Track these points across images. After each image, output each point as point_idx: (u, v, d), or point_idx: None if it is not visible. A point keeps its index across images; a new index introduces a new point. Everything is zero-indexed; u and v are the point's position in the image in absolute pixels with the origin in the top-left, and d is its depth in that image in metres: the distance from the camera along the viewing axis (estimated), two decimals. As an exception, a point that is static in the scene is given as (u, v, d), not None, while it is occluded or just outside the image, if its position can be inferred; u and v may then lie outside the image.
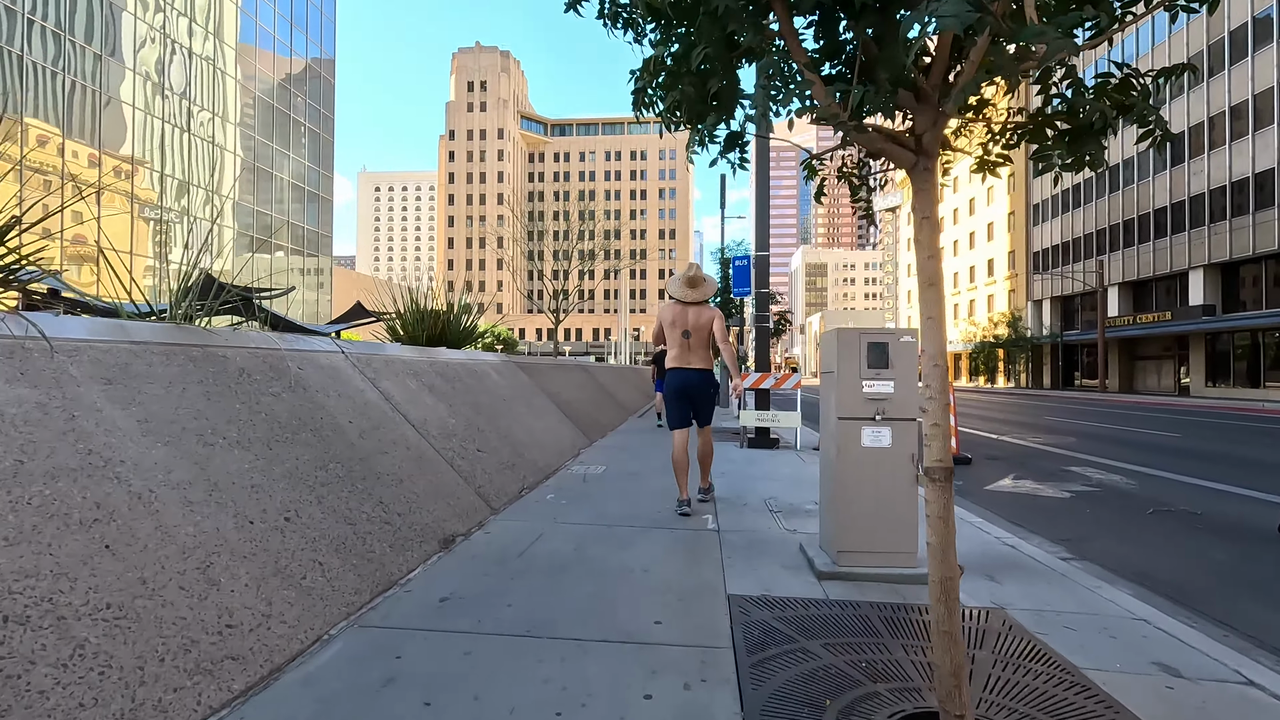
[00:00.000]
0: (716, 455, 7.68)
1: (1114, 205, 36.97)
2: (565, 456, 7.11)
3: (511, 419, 6.59)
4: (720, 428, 11.56)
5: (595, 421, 10.12)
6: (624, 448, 8.37)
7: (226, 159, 35.81)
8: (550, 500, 4.96)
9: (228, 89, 36.27)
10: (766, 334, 8.84)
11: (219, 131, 35.02)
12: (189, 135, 33.04)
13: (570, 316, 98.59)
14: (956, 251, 59.52)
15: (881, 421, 3.27)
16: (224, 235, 36.90)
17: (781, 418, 8.53)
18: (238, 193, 36.15)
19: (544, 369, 9.97)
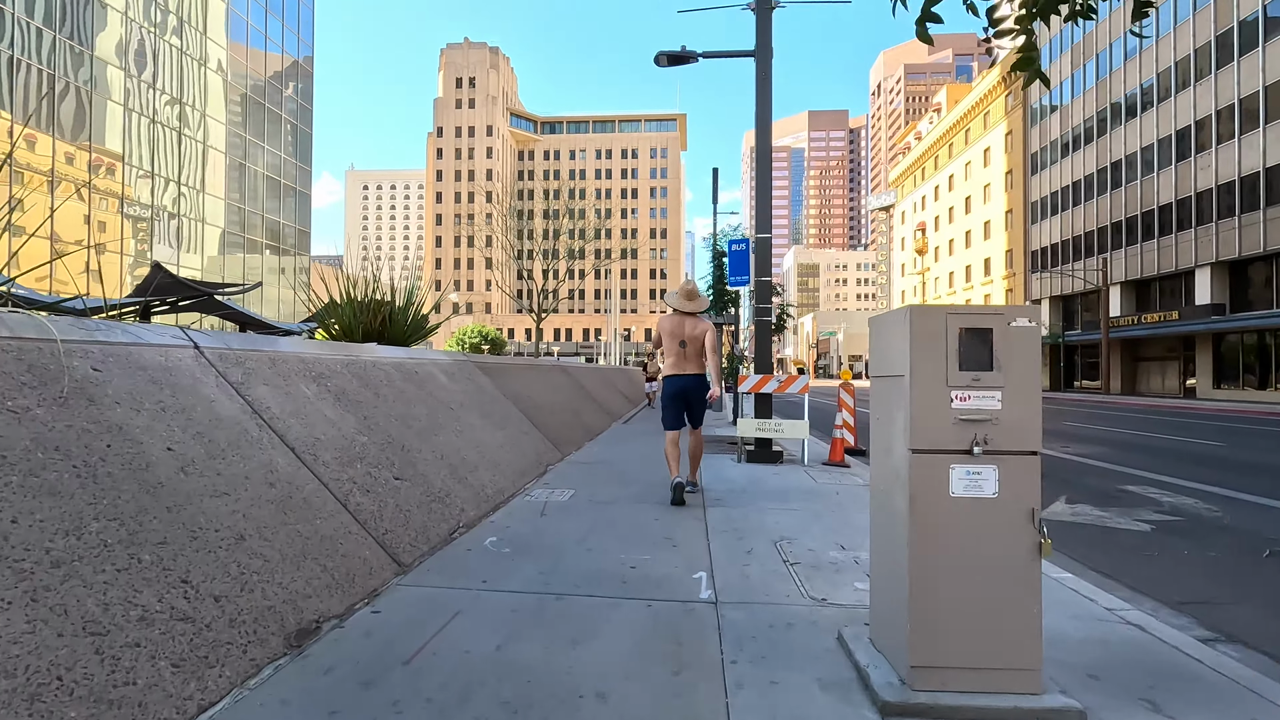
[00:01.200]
0: (710, 474, 6.47)
1: (1116, 202, 36.03)
2: (527, 478, 5.84)
3: (458, 432, 5.32)
4: (715, 436, 10.33)
5: (571, 431, 8.86)
6: (602, 462, 7.11)
7: (194, 148, 34.27)
8: (489, 548, 3.69)
9: (196, 75, 34.72)
10: (768, 329, 7.61)
11: (188, 119, 33.45)
12: (153, 122, 31.47)
13: (560, 317, 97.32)
14: (952, 251, 58.61)
15: (984, 456, 2.03)
16: (203, 232, 35.38)
17: (786, 427, 7.29)
18: (205, 183, 34.63)
19: (512, 370, 8.71)
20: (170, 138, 32.56)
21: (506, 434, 6.35)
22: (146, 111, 31.44)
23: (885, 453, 2.26)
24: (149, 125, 31.40)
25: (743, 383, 7.56)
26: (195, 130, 33.72)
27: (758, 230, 7.56)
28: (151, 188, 31.62)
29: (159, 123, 31.91)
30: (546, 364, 11.55)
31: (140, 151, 31.25)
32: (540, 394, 9.11)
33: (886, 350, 2.26)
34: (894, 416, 2.17)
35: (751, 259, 7.79)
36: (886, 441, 2.25)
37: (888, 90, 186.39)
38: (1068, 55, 40.77)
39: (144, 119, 31.30)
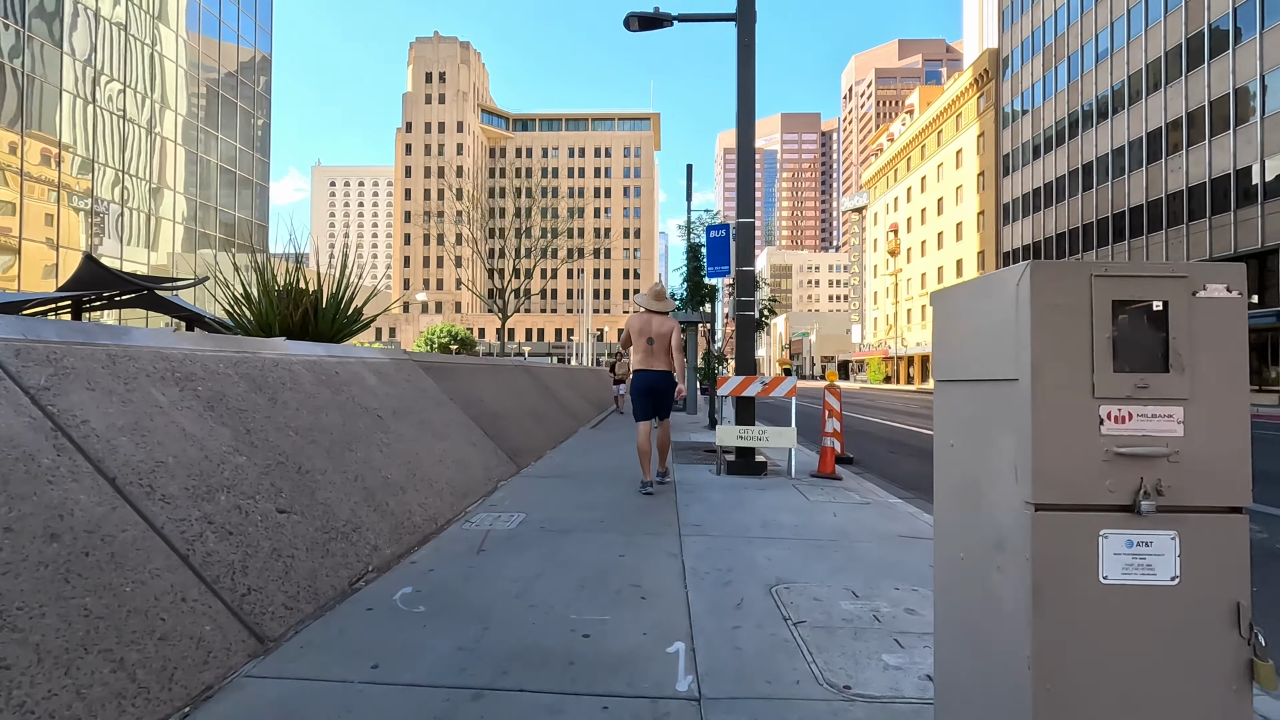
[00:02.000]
0: (687, 491, 5.65)
1: (1087, 203, 36.19)
2: (470, 498, 4.95)
3: (383, 446, 4.41)
4: (690, 442, 9.52)
5: (532, 439, 7.96)
6: (563, 476, 6.24)
7: (139, 134, 32.49)
8: (398, 605, 2.81)
9: (143, 57, 32.92)
10: (751, 325, 6.81)
11: (134, 104, 31.63)
12: (92, 104, 29.65)
13: (532, 316, 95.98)
14: (924, 252, 58.81)
15: (1157, 516, 1.22)
16: (156, 226, 33.57)
17: (771, 435, 6.50)
18: (154, 173, 32.84)
19: (464, 371, 7.78)
20: (116, 124, 30.75)
21: (449, 445, 5.44)
22: (90, 96, 29.64)
23: (969, 501, 1.44)
24: (89, 109, 29.58)
25: (722, 385, 6.76)
26: (142, 116, 31.89)
27: (739, 214, 6.76)
28: (94, 177, 29.80)
29: (102, 107, 30.10)
30: (508, 364, 10.64)
31: (86, 140, 29.44)
32: (497, 398, 8.20)
33: (970, 338, 1.44)
34: (990, 445, 1.35)
35: (732, 247, 6.99)
36: (973, 483, 1.42)
37: (859, 94, 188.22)
38: (1039, 58, 40.95)
39: (87, 104, 29.50)
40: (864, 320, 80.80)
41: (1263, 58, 25.55)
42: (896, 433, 13.29)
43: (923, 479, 7.53)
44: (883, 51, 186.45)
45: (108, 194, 30.23)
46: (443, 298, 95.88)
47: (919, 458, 9.50)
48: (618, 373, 14.51)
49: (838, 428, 6.88)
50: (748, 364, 6.84)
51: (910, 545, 3.98)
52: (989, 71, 47.15)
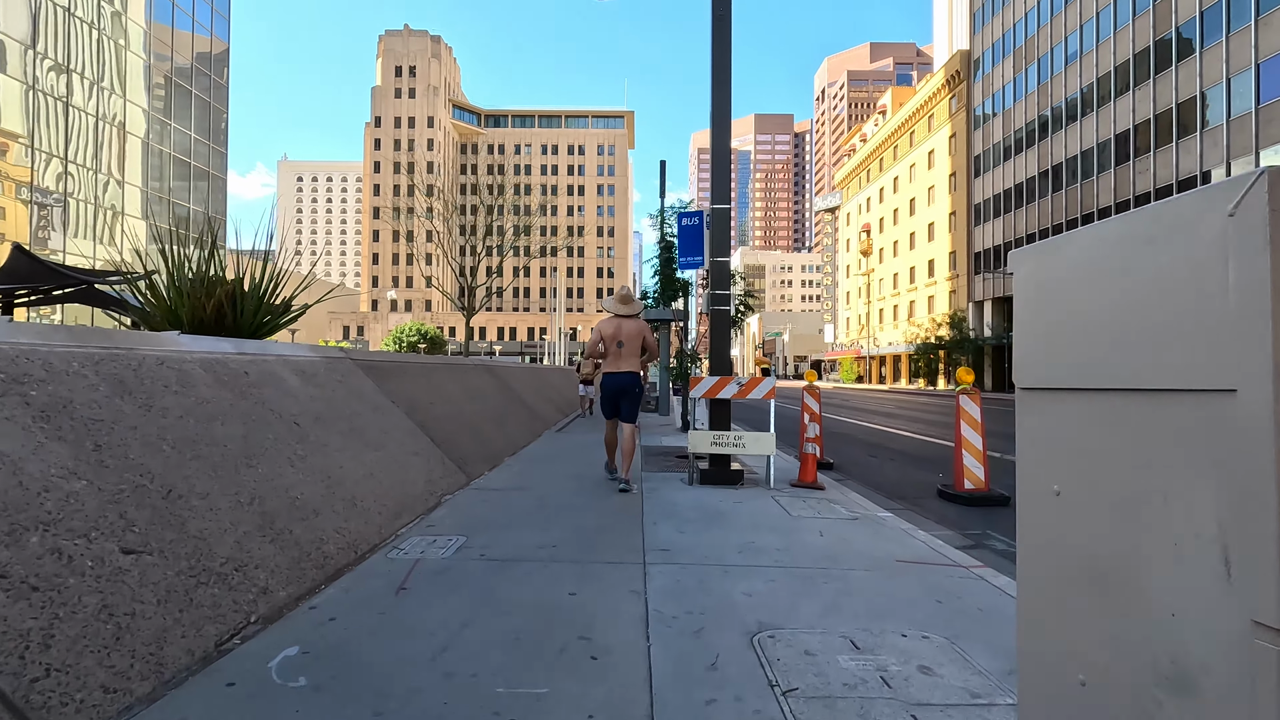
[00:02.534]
0: (655, 504, 5.07)
1: (1058, 204, 36.50)
2: (405, 518, 4.30)
3: (296, 459, 3.74)
4: (660, 447, 8.95)
5: (487, 445, 7.30)
6: (518, 489, 5.61)
7: (84, 120, 30.90)
8: (270, 676, 2.16)
9: (88, 39, 31.32)
10: (726, 320, 6.24)
11: (75, 86, 29.98)
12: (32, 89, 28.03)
13: (504, 315, 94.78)
14: (896, 252, 59.12)
15: None
16: (104, 218, 31.95)
17: (749, 441, 5.95)
18: (101, 161, 31.25)
19: (413, 372, 7.10)
20: (56, 108, 29.11)
21: (384, 456, 4.78)
22: (27, 79, 28.04)
23: (1102, 593, 0.86)
24: (26, 91, 27.98)
25: (695, 386, 6.18)
26: (86, 102, 30.27)
27: (714, 200, 6.19)
28: (32, 164, 28.21)
29: (44, 92, 28.49)
30: (468, 364, 9.95)
31: (28, 126, 27.83)
32: (452, 401, 7.53)
33: (1106, 317, 0.86)
34: (1158, 505, 0.77)
35: (706, 235, 6.43)
36: (1112, 566, 0.84)
37: (832, 96, 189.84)
38: (1010, 59, 41.26)
39: (27, 88, 27.90)
40: (836, 320, 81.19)
41: (1228, 61, 25.84)
42: (874, 435, 12.88)
43: (908, 486, 7.04)
44: (855, 54, 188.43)
45: (53, 185, 28.70)
46: (412, 296, 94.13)
47: (901, 462, 9.05)
48: (584, 372, 13.32)
49: (818, 432, 6.35)
50: (723, 363, 6.28)
51: (909, 573, 3.44)
52: (960, 73, 47.45)
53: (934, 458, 9.57)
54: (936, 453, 10.16)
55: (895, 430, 13.87)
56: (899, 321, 58.37)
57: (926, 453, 10.19)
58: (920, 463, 9.06)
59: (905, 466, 8.71)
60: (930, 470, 8.34)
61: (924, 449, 10.66)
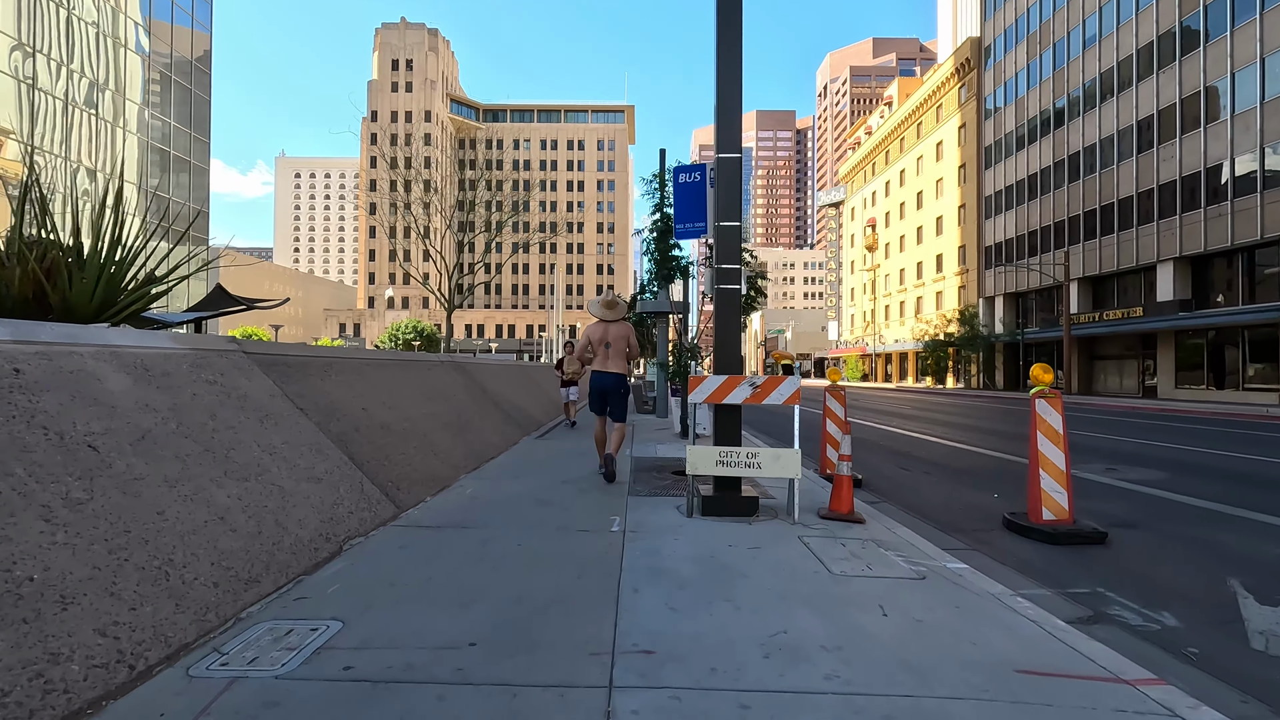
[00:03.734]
0: (640, 550, 3.64)
1: (1074, 196, 34.99)
2: (265, 584, 2.91)
3: (66, 508, 2.35)
4: (655, 459, 7.55)
5: (437, 460, 5.91)
6: (459, 525, 4.22)
7: (49, 103, 29.48)
8: None
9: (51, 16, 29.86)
10: (735, 305, 4.84)
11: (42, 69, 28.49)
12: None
13: (502, 312, 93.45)
14: (903, 247, 57.62)
15: None
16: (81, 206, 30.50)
17: (766, 459, 4.56)
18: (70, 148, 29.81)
19: (344, 368, 5.71)
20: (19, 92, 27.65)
21: (255, 488, 3.39)
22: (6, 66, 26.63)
23: None
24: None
25: (694, 387, 4.78)
26: (55, 85, 28.79)
27: (720, 147, 4.80)
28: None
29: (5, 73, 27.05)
30: (431, 360, 8.56)
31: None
32: (396, 405, 6.14)
33: None
34: None
35: (710, 195, 5.04)
36: None
37: (834, 92, 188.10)
38: (1023, 45, 39.73)
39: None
40: (840, 317, 79.76)
41: (1263, 40, 24.36)
42: (898, 441, 11.48)
43: (960, 512, 5.64)
44: (857, 50, 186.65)
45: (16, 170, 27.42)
46: (410, 293, 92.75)
47: (939, 476, 7.65)
48: (566, 372, 11.02)
49: (848, 447, 4.95)
50: (731, 358, 4.88)
51: (1046, 699, 2.06)
52: (970, 61, 45.89)
53: (976, 470, 8.17)
54: (976, 464, 8.76)
55: (919, 435, 12.47)
56: (906, 318, 56.88)
57: (964, 463, 8.78)
58: (962, 477, 7.66)
59: (946, 482, 7.32)
60: (977, 487, 6.95)
61: (960, 459, 9.26)
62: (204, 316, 28.15)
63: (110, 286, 3.87)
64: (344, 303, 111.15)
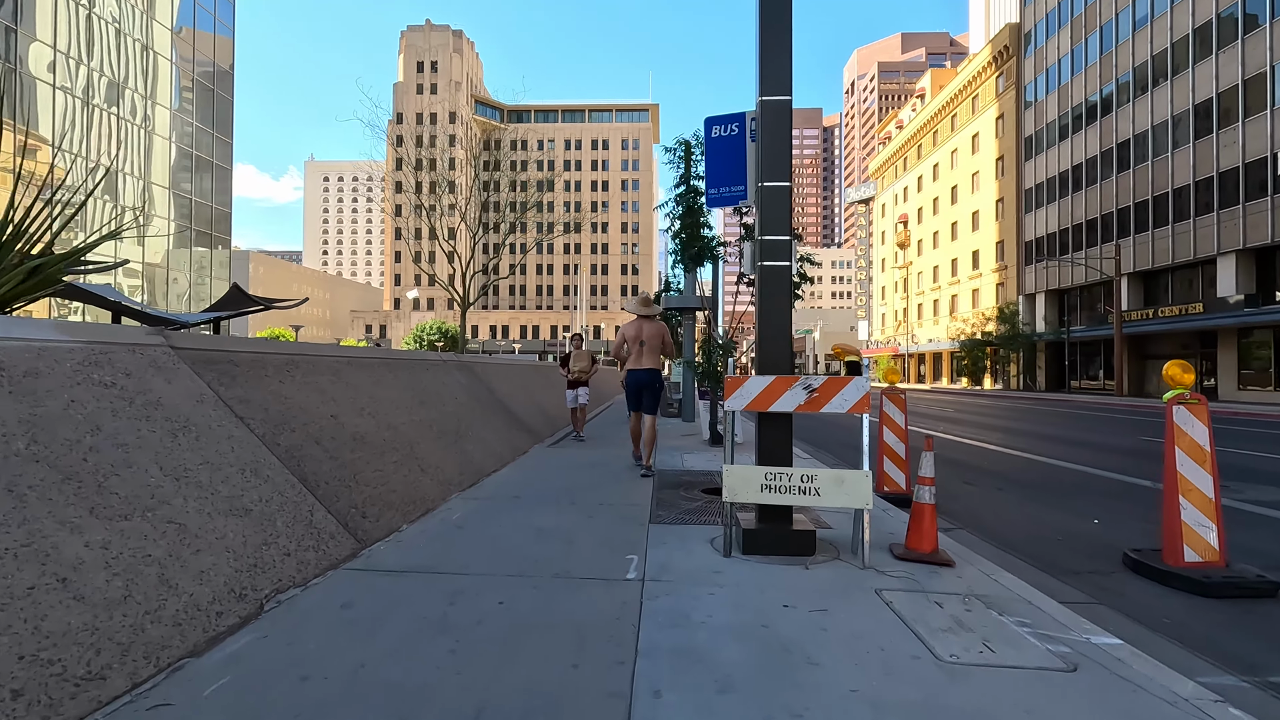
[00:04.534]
0: (659, 629, 2.61)
1: (1123, 187, 33.13)
2: (116, 683, 1.97)
3: None
4: (683, 473, 6.57)
5: (424, 476, 4.99)
6: (430, 569, 3.28)
7: (70, 103, 29.47)
8: None
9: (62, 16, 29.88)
10: (784, 284, 3.85)
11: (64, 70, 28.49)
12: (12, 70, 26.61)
13: (527, 313, 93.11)
14: (937, 244, 55.76)
15: None
16: (101, 210, 30.58)
17: (826, 484, 3.54)
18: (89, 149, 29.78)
19: (310, 368, 4.83)
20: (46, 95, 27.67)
21: (134, 530, 2.48)
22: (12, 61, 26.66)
23: None
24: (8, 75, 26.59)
25: (731, 391, 3.78)
26: (76, 85, 28.76)
27: (764, 89, 3.81)
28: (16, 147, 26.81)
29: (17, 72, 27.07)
30: (431, 359, 7.68)
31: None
32: (376, 411, 5.24)
33: None
34: None
35: (752, 151, 4.05)
36: None
37: (861, 88, 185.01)
38: (1066, 30, 37.87)
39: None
40: (871, 316, 77.86)
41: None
42: (955, 449, 10.33)
43: (1056, 544, 4.54)
44: (885, 45, 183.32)
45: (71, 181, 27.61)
46: (435, 294, 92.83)
47: (1016, 494, 6.53)
48: (573, 370, 9.14)
49: (931, 467, 3.90)
50: (779, 354, 3.88)
51: None
52: (1009, 48, 44.02)
53: (1052, 485, 7.03)
54: (1050, 476, 7.61)
55: (973, 442, 11.29)
56: (940, 317, 55.00)
57: (1035, 475, 7.64)
58: (1040, 494, 6.54)
59: (1023, 500, 6.21)
60: (1063, 507, 5.84)
61: (1029, 471, 8.11)
62: (221, 316, 28.04)
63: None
64: (371, 304, 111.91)
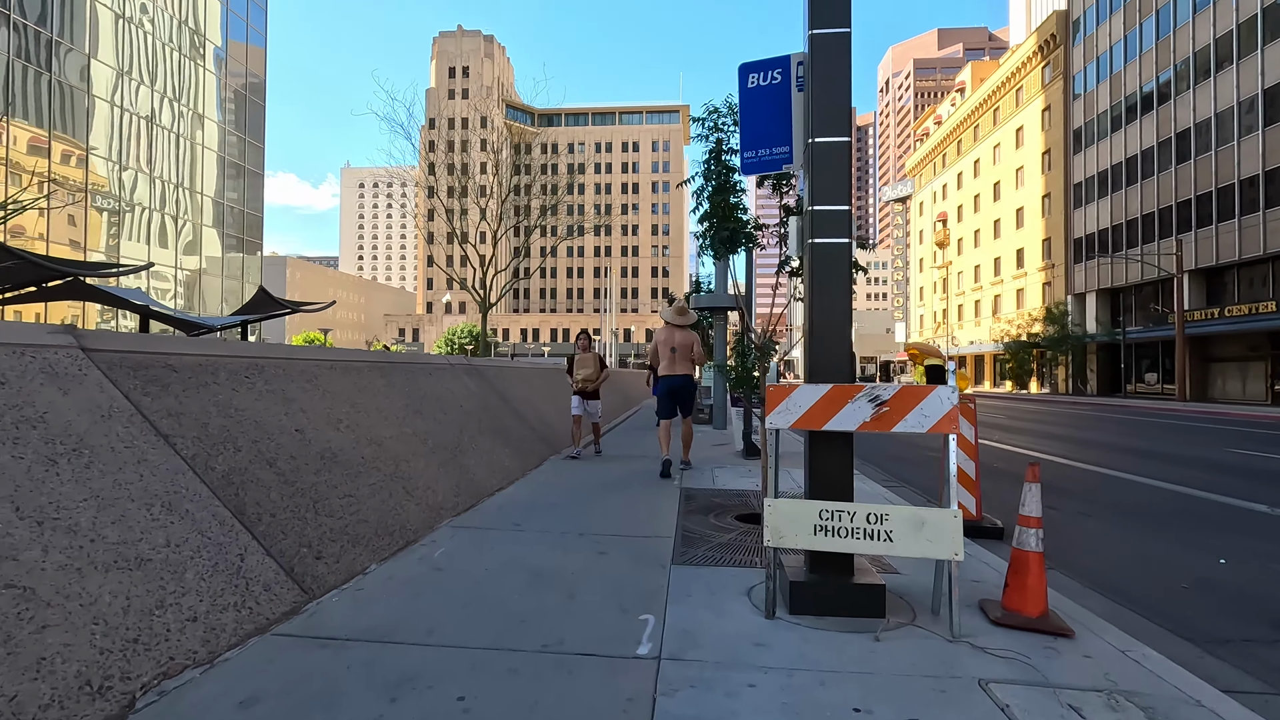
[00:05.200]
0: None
1: (1183, 179, 31.22)
2: None
3: None
4: (712, 493, 5.75)
5: (410, 499, 4.26)
6: (385, 639, 2.51)
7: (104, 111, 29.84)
8: None
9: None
10: (842, 266, 3.01)
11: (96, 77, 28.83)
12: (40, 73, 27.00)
13: (557, 316, 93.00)
14: (978, 242, 53.78)
15: None
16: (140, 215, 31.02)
17: (901, 524, 2.70)
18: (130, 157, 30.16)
19: (280, 374, 4.15)
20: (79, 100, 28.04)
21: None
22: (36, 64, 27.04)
23: None
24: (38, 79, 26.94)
25: (775, 403, 2.95)
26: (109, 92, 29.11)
27: (815, 22, 3.00)
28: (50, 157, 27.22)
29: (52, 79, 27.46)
30: (433, 363, 6.99)
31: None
32: (356, 424, 4.54)
33: None
34: None
35: (799, 103, 3.23)
36: None
37: (896, 86, 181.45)
38: (1119, 15, 35.99)
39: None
40: (908, 318, 75.75)
41: None
42: (1015, 461, 9.30)
43: (1196, 596, 3.60)
44: (921, 42, 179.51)
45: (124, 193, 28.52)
46: (467, 297, 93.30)
47: (1103, 518, 5.55)
48: (580, 379, 7.65)
49: (1037, 503, 3.02)
50: (835, 355, 3.05)
51: None
52: (1056, 37, 42.10)
53: (1144, 508, 6.03)
54: (1140, 498, 6.59)
55: (1039, 453, 10.24)
56: (982, 318, 53.00)
57: (1121, 496, 6.62)
58: (1134, 520, 5.55)
59: (1117, 528, 5.24)
60: (1166, 537, 4.87)
61: (1113, 490, 7.08)
62: (250, 320, 27.93)
63: None
64: (404, 308, 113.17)
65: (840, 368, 3.02)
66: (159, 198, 31.79)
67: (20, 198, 25.86)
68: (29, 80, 25.76)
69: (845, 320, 3.04)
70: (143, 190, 30.79)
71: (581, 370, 7.71)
